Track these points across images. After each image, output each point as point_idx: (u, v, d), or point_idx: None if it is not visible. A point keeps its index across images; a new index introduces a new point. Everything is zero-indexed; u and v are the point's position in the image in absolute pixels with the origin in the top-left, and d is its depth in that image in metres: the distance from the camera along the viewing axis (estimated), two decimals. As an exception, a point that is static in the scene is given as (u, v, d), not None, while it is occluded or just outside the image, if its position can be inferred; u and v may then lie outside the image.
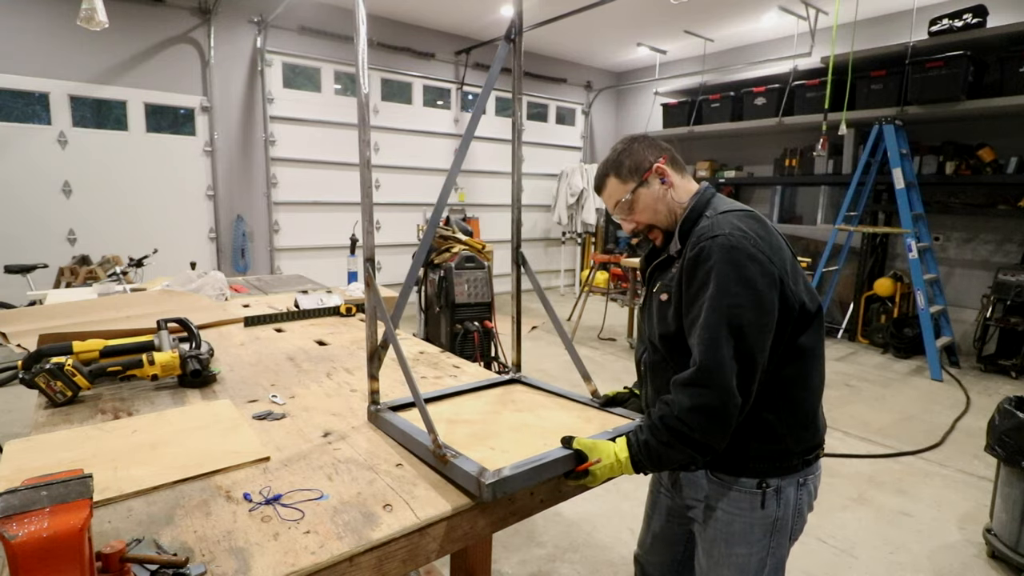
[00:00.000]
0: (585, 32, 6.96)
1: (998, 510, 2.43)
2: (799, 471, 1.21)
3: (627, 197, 1.28)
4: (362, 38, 1.27)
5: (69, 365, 1.43)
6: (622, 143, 1.33)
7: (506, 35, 1.50)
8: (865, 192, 5.86)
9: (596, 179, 1.35)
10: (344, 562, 0.88)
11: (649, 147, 1.29)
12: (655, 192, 1.27)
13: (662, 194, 1.27)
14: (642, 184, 1.27)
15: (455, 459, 1.07)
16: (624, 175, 1.28)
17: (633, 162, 1.28)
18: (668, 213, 1.28)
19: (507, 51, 1.49)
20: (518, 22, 1.50)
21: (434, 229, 1.42)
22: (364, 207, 1.29)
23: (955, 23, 5.07)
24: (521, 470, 1.03)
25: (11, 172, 4.95)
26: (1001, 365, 5.09)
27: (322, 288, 3.23)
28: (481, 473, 1.01)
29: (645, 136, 1.33)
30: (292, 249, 6.58)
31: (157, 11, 5.44)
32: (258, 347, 1.99)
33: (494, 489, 0.99)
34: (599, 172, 1.34)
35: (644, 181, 1.27)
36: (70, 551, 0.68)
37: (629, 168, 1.28)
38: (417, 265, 1.43)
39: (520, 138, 1.60)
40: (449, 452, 1.09)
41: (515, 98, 1.58)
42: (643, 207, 1.28)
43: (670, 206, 1.28)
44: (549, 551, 2.45)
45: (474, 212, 7.92)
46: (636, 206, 1.29)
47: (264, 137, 6.18)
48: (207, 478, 1.08)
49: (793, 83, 6.32)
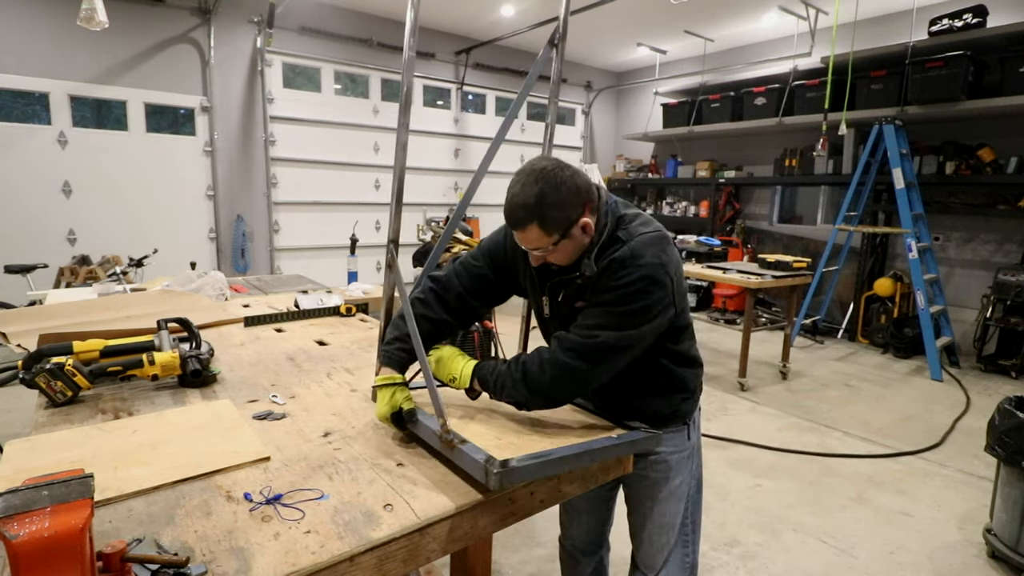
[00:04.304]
0: (585, 32, 6.96)
1: (998, 510, 2.43)
2: (697, 401, 1.51)
3: (548, 247, 1.27)
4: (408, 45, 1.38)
5: (69, 365, 1.43)
6: (546, 183, 1.22)
7: (550, 40, 1.51)
8: (865, 192, 5.87)
9: (514, 216, 1.25)
10: (344, 562, 0.88)
11: (574, 193, 1.24)
12: (576, 241, 1.28)
13: (581, 241, 1.29)
14: (565, 236, 1.25)
15: (462, 445, 1.07)
16: (548, 226, 1.23)
17: (559, 214, 1.22)
18: (576, 254, 1.31)
19: (547, 55, 1.50)
20: (562, 27, 1.51)
21: (453, 228, 1.45)
22: (395, 191, 1.43)
23: (955, 23, 5.07)
24: (528, 463, 1.04)
25: (11, 172, 4.95)
26: (1001, 365, 5.09)
27: (322, 288, 3.23)
28: (489, 461, 1.01)
29: (566, 171, 1.24)
30: (292, 249, 6.58)
31: (157, 11, 5.44)
32: (258, 347, 1.99)
33: (500, 479, 1.00)
34: (518, 211, 1.23)
35: (567, 234, 1.25)
36: (71, 551, 0.68)
37: (554, 220, 1.22)
38: (435, 259, 1.44)
39: (552, 140, 1.64)
40: (456, 438, 1.09)
41: (552, 102, 1.61)
42: (560, 252, 1.29)
43: (579, 249, 1.30)
44: (549, 551, 2.45)
45: (474, 212, 7.92)
46: (554, 253, 1.29)
47: (264, 137, 6.18)
48: (207, 478, 1.08)
49: (793, 83, 6.32)
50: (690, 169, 7.81)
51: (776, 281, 4.48)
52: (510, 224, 1.29)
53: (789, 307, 4.92)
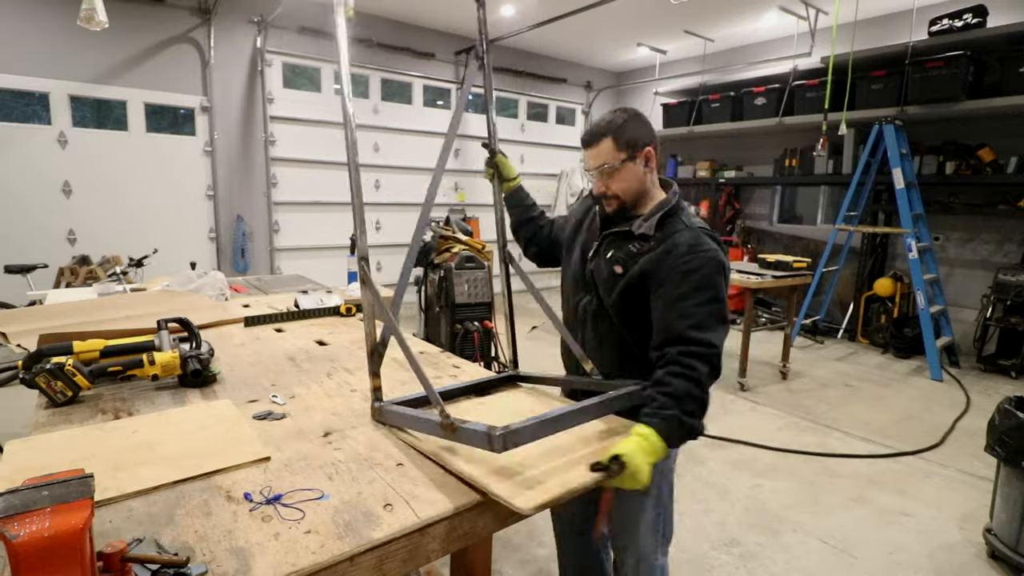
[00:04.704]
0: (585, 32, 6.96)
1: (998, 510, 2.43)
2: None
3: (615, 164, 1.38)
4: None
5: (69, 365, 1.43)
6: (624, 112, 1.41)
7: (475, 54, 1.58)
8: (865, 192, 5.87)
9: (589, 134, 1.41)
10: (345, 562, 0.88)
11: (646, 128, 1.42)
12: (638, 171, 1.40)
13: (642, 176, 1.41)
14: (631, 159, 1.39)
15: (463, 424, 1.08)
16: (620, 143, 1.38)
17: (632, 135, 1.38)
18: (636, 193, 1.43)
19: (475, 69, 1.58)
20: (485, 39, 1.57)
21: (423, 227, 1.46)
22: (357, 211, 1.36)
23: (955, 23, 5.07)
24: (529, 424, 1.06)
25: (11, 172, 4.95)
26: (1001, 365, 5.09)
27: (322, 288, 3.23)
28: (491, 430, 1.03)
29: (643, 115, 1.44)
30: (292, 249, 6.58)
31: (157, 11, 5.44)
32: (258, 347, 1.99)
33: (504, 440, 1.01)
34: (594, 129, 1.40)
35: (633, 157, 1.39)
36: (71, 551, 0.68)
37: (627, 139, 1.38)
38: (411, 261, 1.45)
39: (493, 140, 1.69)
40: (457, 421, 1.10)
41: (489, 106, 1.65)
42: (622, 179, 1.40)
43: (641, 188, 1.43)
44: (549, 551, 2.45)
45: (474, 212, 7.92)
46: (617, 175, 1.40)
47: (264, 137, 6.18)
48: (207, 478, 1.08)
49: (793, 83, 6.31)
50: (690, 169, 7.81)
51: (776, 281, 4.48)
52: (585, 143, 1.44)
53: (789, 307, 4.91)
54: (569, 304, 1.62)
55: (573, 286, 1.59)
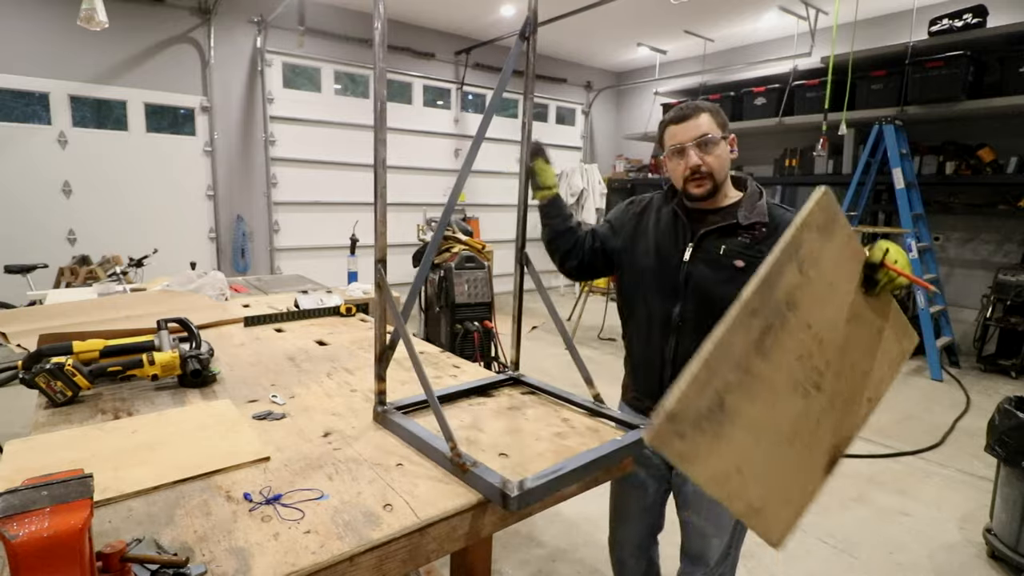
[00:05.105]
0: (585, 32, 6.96)
1: (998, 510, 2.43)
2: None
3: (716, 136, 1.43)
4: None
5: (69, 365, 1.43)
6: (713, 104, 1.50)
7: (520, 32, 1.48)
8: (865, 192, 5.86)
9: (689, 109, 1.45)
10: (344, 562, 0.88)
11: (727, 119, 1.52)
12: (726, 152, 1.47)
13: (727, 157, 1.48)
14: (724, 138, 1.47)
15: (475, 468, 1.06)
16: (719, 121, 1.46)
17: (724, 119, 1.48)
18: (725, 176, 1.48)
19: (519, 49, 1.47)
20: (533, 19, 1.47)
21: (443, 230, 1.41)
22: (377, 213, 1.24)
23: (955, 23, 5.07)
24: (543, 480, 1.04)
25: (11, 172, 4.95)
26: (1001, 365, 5.09)
27: (322, 288, 3.23)
28: (504, 484, 1.01)
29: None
30: (292, 249, 6.58)
31: (157, 11, 5.44)
32: (258, 347, 1.99)
33: (519, 502, 1.00)
34: (694, 105, 1.45)
35: (726, 137, 1.48)
36: (70, 551, 0.68)
37: (722, 120, 1.47)
38: (426, 266, 1.41)
39: (530, 138, 1.56)
40: (468, 461, 1.08)
41: (527, 98, 1.54)
42: (717, 156, 1.45)
43: (726, 170, 1.48)
44: (549, 551, 2.45)
45: (474, 212, 7.93)
46: (715, 150, 1.44)
47: (264, 137, 6.18)
48: (207, 478, 1.08)
49: (793, 83, 6.32)
50: (690, 169, 7.81)
51: (776, 281, 4.47)
52: (681, 117, 1.46)
53: (789, 307, 4.91)
54: (655, 316, 1.53)
55: (659, 295, 1.51)
